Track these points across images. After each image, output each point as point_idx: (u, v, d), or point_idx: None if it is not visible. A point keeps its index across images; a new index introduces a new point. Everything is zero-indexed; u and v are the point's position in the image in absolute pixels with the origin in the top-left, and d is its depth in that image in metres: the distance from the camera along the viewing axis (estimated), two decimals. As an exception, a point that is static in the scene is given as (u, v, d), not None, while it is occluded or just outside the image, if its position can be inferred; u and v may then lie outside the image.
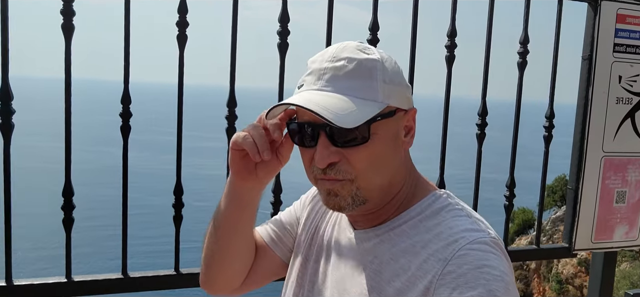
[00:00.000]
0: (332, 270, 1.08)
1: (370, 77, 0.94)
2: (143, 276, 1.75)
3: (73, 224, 1.68)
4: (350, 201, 0.97)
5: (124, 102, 1.68)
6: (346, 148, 0.94)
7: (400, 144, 1.00)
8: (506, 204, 2.15)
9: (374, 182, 0.97)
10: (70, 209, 1.67)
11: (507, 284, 0.86)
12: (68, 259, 1.69)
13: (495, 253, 0.90)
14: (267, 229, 1.26)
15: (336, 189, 0.97)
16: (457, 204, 1.01)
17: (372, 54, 0.96)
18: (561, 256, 2.24)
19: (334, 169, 0.95)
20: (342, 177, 0.95)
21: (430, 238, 0.95)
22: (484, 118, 2.09)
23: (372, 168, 0.96)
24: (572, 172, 2.25)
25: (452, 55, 2.03)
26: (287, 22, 1.82)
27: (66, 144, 1.65)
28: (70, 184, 1.66)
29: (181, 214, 1.78)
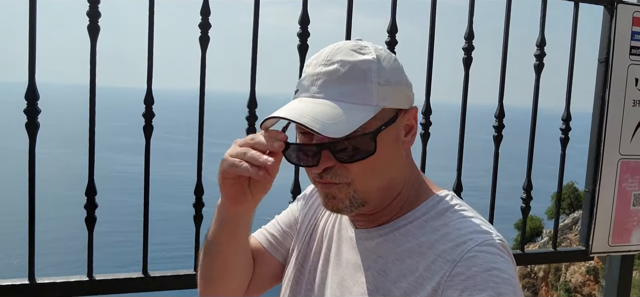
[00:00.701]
0: (332, 269, 1.07)
1: (364, 80, 0.92)
2: (163, 275, 1.76)
3: (95, 222, 1.70)
4: (348, 203, 0.96)
5: (146, 102, 1.71)
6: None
7: (400, 144, 0.98)
8: (523, 206, 2.15)
9: (372, 185, 0.96)
10: (92, 208, 1.68)
11: (514, 287, 0.86)
12: (90, 257, 1.70)
13: (503, 256, 0.90)
14: (265, 234, 1.23)
15: (333, 192, 0.96)
16: (462, 205, 1.00)
17: (368, 54, 0.94)
18: (578, 259, 2.23)
19: (330, 173, 0.94)
20: (339, 181, 0.94)
21: (438, 239, 0.94)
22: (501, 120, 2.10)
23: (369, 172, 0.94)
24: (589, 175, 2.25)
25: (469, 58, 2.04)
26: (307, 23, 1.84)
27: (90, 143, 1.67)
28: (93, 183, 1.68)
29: (201, 213, 1.79)
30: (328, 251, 1.10)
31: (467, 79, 2.05)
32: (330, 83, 0.91)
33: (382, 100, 0.92)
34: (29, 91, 1.58)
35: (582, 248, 2.22)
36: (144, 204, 1.73)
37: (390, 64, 0.95)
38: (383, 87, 0.93)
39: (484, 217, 1.02)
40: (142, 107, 1.71)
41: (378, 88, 0.92)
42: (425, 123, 2.01)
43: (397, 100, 0.95)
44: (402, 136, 0.98)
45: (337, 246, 1.08)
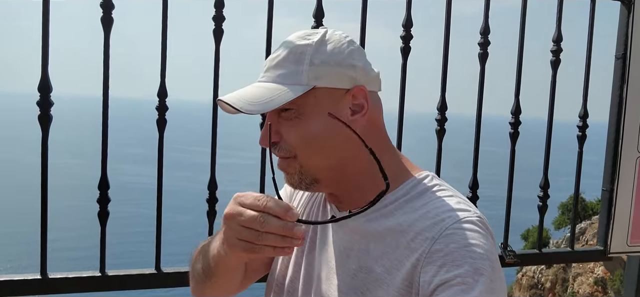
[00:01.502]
0: (318, 252, 1.09)
1: (297, 62, 0.98)
2: (176, 271, 1.73)
3: (108, 217, 1.67)
4: (297, 179, 1.02)
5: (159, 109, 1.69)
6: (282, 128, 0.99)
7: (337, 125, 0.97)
8: (540, 204, 2.12)
9: (317, 162, 1.01)
10: (105, 203, 1.66)
11: (492, 262, 0.89)
12: (102, 253, 1.68)
13: (481, 232, 0.92)
14: None
15: (284, 167, 1.03)
16: (442, 185, 1.03)
17: (310, 40, 0.99)
18: (596, 259, 2.19)
19: (277, 147, 1.01)
20: (285, 154, 1.01)
21: (418, 217, 0.96)
22: (517, 117, 2.07)
23: (307, 146, 0.99)
24: (606, 174, 2.21)
25: (485, 53, 2.01)
26: (322, 17, 1.82)
27: (103, 137, 1.65)
28: (106, 177, 1.66)
29: (215, 209, 1.76)
30: (314, 234, 1.12)
31: (483, 80, 2.02)
32: (271, 69, 1.00)
33: (313, 80, 0.97)
34: (41, 83, 1.57)
35: (600, 248, 2.18)
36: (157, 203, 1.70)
37: (336, 46, 0.99)
38: (317, 67, 0.97)
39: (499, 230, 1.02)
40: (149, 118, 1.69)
41: (310, 68, 0.97)
42: (440, 119, 1.98)
43: (333, 80, 0.98)
44: (347, 116, 0.99)
45: (322, 230, 1.11)
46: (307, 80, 0.97)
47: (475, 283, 0.85)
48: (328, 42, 1.00)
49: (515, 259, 2.02)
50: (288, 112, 0.99)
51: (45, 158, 1.61)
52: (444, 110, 1.99)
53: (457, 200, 0.99)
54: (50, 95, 1.58)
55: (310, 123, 0.99)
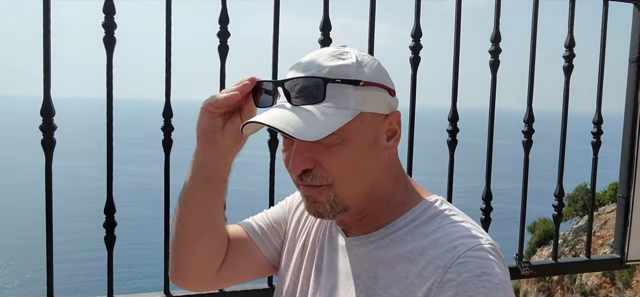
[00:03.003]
0: (324, 278, 1.06)
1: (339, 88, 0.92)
2: (185, 294, 1.70)
3: (115, 241, 1.64)
4: (329, 207, 0.96)
5: (165, 114, 1.65)
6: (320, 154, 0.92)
7: (380, 148, 0.98)
8: (555, 214, 2.07)
9: (353, 189, 0.96)
10: (112, 227, 1.63)
11: (506, 292, 0.86)
12: (110, 277, 1.65)
13: (495, 260, 0.89)
14: (252, 223, 1.20)
15: (314, 195, 0.96)
16: (452, 210, 1.00)
17: (347, 60, 0.94)
18: (613, 267, 2.15)
19: (310, 175, 0.94)
20: (319, 182, 0.94)
21: (428, 244, 0.93)
22: (531, 125, 2.02)
23: (348, 173, 0.94)
24: (622, 180, 2.16)
25: (497, 61, 1.96)
26: (329, 30, 1.78)
27: (108, 160, 1.62)
28: (112, 201, 1.63)
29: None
30: (320, 260, 1.09)
31: (495, 82, 1.97)
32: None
33: (359, 105, 0.93)
34: (44, 108, 1.54)
35: (617, 256, 2.13)
36: (164, 223, 1.67)
37: (372, 69, 0.95)
38: (363, 92, 0.93)
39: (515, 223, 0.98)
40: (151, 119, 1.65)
41: (356, 92, 0.92)
42: (452, 130, 1.94)
43: (376, 105, 0.95)
44: (383, 141, 0.98)
45: (329, 255, 1.07)
46: (355, 105, 0.92)
47: None
48: (364, 64, 0.95)
49: (530, 270, 1.98)
50: (330, 138, 0.91)
51: (49, 183, 1.57)
52: (456, 121, 1.94)
53: (468, 226, 0.96)
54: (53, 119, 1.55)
55: (354, 150, 0.94)
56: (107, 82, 1.60)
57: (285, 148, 0.99)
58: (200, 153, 1.05)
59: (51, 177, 1.57)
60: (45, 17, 1.51)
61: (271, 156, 1.76)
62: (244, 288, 1.74)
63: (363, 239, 1.02)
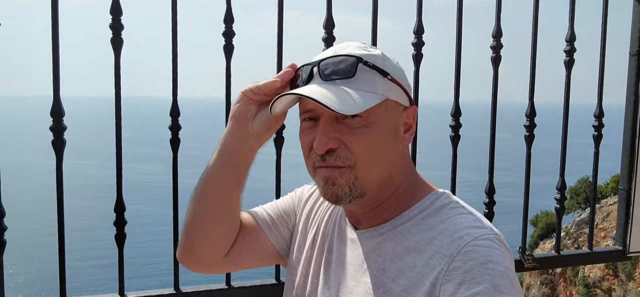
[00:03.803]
0: (334, 271, 1.08)
1: (369, 73, 0.98)
2: (195, 290, 1.73)
3: (125, 239, 1.67)
4: (348, 191, 0.98)
5: (172, 114, 1.68)
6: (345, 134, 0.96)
7: (399, 138, 1.02)
8: (557, 207, 2.09)
9: (372, 173, 0.99)
10: (122, 225, 1.66)
11: (511, 280, 0.88)
12: (121, 275, 1.67)
13: (499, 249, 0.91)
14: (263, 211, 1.24)
15: (335, 177, 0.98)
16: (458, 202, 1.03)
17: (374, 52, 1.00)
18: (615, 259, 2.17)
19: (334, 155, 0.97)
20: (342, 163, 0.97)
21: (435, 235, 0.96)
22: (532, 119, 2.04)
23: (370, 156, 0.98)
24: (624, 173, 2.18)
25: (498, 56, 1.98)
26: (332, 28, 1.80)
27: (117, 159, 1.65)
28: (121, 199, 1.66)
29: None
30: (329, 253, 1.12)
31: (497, 77, 1.99)
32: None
33: (386, 92, 0.98)
34: (54, 109, 1.56)
35: (619, 248, 2.16)
36: (173, 220, 1.69)
37: (393, 65, 1.02)
38: (389, 81, 0.99)
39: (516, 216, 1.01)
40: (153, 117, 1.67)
41: (383, 80, 0.99)
42: (455, 125, 1.96)
43: (398, 96, 1.01)
44: (401, 132, 1.03)
45: (338, 248, 1.10)
46: (382, 91, 0.98)
47: None
48: (387, 58, 1.02)
49: (534, 263, 2.00)
50: (356, 120, 0.97)
51: (61, 183, 1.60)
52: (458, 116, 1.96)
53: (474, 218, 0.99)
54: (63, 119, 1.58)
55: (378, 133, 0.98)
56: (115, 83, 1.62)
57: (306, 132, 1.02)
58: (228, 136, 1.10)
59: (62, 178, 1.60)
60: (53, 21, 1.54)
61: (277, 153, 1.79)
62: (252, 284, 1.77)
63: (372, 232, 1.05)
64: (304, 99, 0.98)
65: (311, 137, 1.00)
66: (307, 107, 1.00)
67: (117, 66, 1.62)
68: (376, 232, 1.04)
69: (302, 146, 1.03)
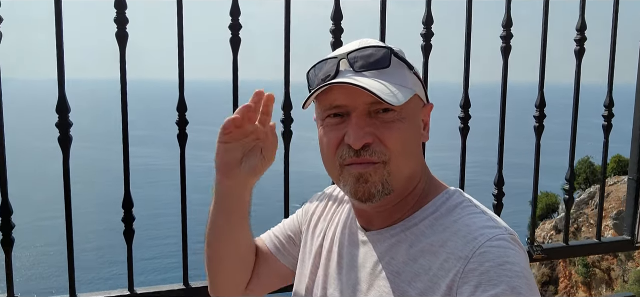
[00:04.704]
0: (346, 275, 1.07)
1: (399, 66, 0.97)
2: (204, 285, 1.72)
3: (134, 235, 1.66)
4: (381, 187, 0.96)
5: (180, 109, 1.65)
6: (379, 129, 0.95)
7: (421, 135, 1.03)
8: (566, 197, 2.08)
9: (404, 170, 0.98)
10: (130, 221, 1.65)
11: (528, 280, 0.87)
12: (130, 271, 1.67)
13: (514, 249, 0.90)
14: (271, 236, 1.26)
15: (368, 173, 0.96)
16: (470, 201, 1.01)
17: (395, 48, 1.00)
18: (623, 249, 2.16)
19: (369, 150, 0.95)
20: (377, 158, 0.95)
21: (449, 236, 0.94)
22: (542, 110, 2.02)
23: (403, 152, 0.97)
24: (633, 162, 2.17)
25: (508, 46, 1.95)
26: (341, 20, 1.77)
27: (124, 156, 1.63)
28: (129, 196, 1.64)
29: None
30: (340, 257, 1.10)
31: (506, 67, 1.96)
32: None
33: (414, 86, 0.99)
34: (59, 104, 1.54)
35: (628, 238, 2.15)
36: (181, 218, 1.68)
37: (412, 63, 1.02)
38: (413, 76, 1.00)
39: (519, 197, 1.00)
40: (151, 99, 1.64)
41: (410, 74, 0.99)
42: (464, 117, 1.94)
43: (421, 92, 1.01)
44: (421, 128, 1.03)
45: (349, 252, 1.08)
46: (411, 85, 0.98)
47: None
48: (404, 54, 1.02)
49: (542, 254, 2.00)
50: (390, 114, 0.95)
51: (67, 180, 1.59)
52: (468, 108, 1.94)
53: (487, 217, 0.97)
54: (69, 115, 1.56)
55: (409, 128, 0.98)
56: (121, 78, 1.60)
57: (332, 129, 0.99)
58: (220, 187, 1.08)
59: (69, 175, 1.59)
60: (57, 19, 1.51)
61: (285, 147, 1.77)
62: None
63: (384, 233, 1.03)
64: (328, 94, 0.96)
65: (339, 133, 0.97)
66: (335, 103, 0.97)
67: (122, 60, 1.59)
68: (388, 234, 1.02)
69: (327, 144, 1.00)
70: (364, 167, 0.96)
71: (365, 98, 0.94)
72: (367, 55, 0.96)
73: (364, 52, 0.97)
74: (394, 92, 0.93)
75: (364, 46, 0.98)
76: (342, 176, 0.99)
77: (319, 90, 0.96)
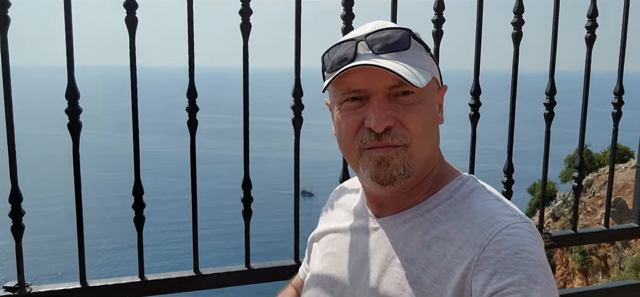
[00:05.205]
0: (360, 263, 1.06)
1: (418, 48, 0.96)
2: (215, 272, 1.72)
3: (144, 222, 1.65)
4: (402, 170, 0.95)
5: (190, 95, 1.64)
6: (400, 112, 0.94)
7: (437, 118, 1.02)
8: (575, 185, 2.08)
9: (424, 153, 0.98)
10: (141, 208, 1.63)
11: (545, 269, 0.86)
12: (140, 258, 1.66)
13: (531, 238, 0.89)
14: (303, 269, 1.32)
15: (390, 157, 0.95)
16: (484, 188, 1.01)
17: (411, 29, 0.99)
18: (631, 236, 2.17)
19: (390, 133, 0.94)
20: (399, 142, 0.94)
21: (464, 223, 0.93)
22: (552, 97, 2.00)
23: (424, 135, 0.96)
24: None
25: (520, 33, 1.93)
26: (352, 5, 1.75)
27: (134, 143, 1.61)
28: (139, 183, 1.63)
29: (250, 208, 1.73)
30: (351, 246, 1.09)
31: (518, 54, 1.95)
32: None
33: (431, 68, 0.99)
34: (69, 90, 1.52)
35: (635, 225, 2.15)
36: (191, 206, 1.67)
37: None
38: (431, 59, 1.00)
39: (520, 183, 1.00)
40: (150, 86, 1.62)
41: (428, 56, 0.99)
42: (474, 104, 1.92)
43: (437, 75, 1.01)
44: (437, 111, 1.02)
45: (362, 240, 1.08)
46: (429, 67, 0.98)
47: (531, 291, 0.83)
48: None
49: (551, 241, 2.00)
50: (410, 96, 0.94)
51: (78, 167, 1.57)
52: (478, 94, 1.93)
53: (502, 205, 0.96)
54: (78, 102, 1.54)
55: (428, 111, 0.97)
56: (131, 65, 1.58)
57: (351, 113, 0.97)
58: None
59: (79, 162, 1.57)
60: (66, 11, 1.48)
61: (296, 134, 1.75)
62: (272, 265, 1.76)
63: (396, 219, 1.02)
64: (347, 78, 0.95)
65: (358, 117, 0.96)
66: (354, 87, 0.95)
67: (132, 47, 1.57)
68: (401, 219, 1.02)
69: (346, 129, 0.98)
70: (386, 150, 0.95)
71: (386, 81, 0.93)
72: (386, 37, 0.95)
73: (382, 34, 0.95)
74: (416, 74, 0.92)
75: (382, 28, 0.96)
76: (362, 159, 0.98)
77: (341, 72, 0.94)
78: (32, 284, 1.58)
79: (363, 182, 1.08)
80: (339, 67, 0.96)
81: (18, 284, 1.55)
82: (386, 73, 0.92)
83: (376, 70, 0.92)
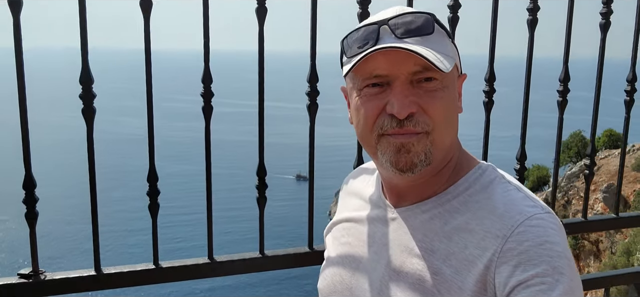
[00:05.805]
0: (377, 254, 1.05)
1: (441, 33, 0.95)
2: (229, 259, 1.71)
3: (159, 209, 1.64)
4: (423, 157, 0.94)
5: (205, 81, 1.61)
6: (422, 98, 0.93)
7: (457, 106, 1.00)
8: (587, 173, 2.08)
9: (445, 140, 0.96)
10: (155, 195, 1.62)
11: (569, 260, 0.85)
12: (155, 245, 1.65)
13: (554, 229, 0.89)
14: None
15: (411, 143, 0.93)
16: (503, 177, 1.00)
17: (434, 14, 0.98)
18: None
19: (413, 120, 0.92)
20: (420, 129, 0.93)
21: (485, 214, 0.92)
22: (566, 84, 1.99)
23: (446, 122, 0.95)
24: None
25: (535, 19, 1.92)
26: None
27: (149, 129, 1.59)
28: (154, 169, 1.61)
29: (265, 196, 1.72)
30: (371, 239, 1.08)
31: (533, 39, 1.94)
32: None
33: (454, 55, 0.97)
34: (83, 76, 1.50)
35: (645, 213, 2.17)
36: (206, 193, 1.65)
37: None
38: (453, 46, 0.98)
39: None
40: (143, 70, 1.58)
41: (450, 43, 0.97)
42: (489, 91, 1.91)
43: (458, 62, 1.00)
44: (457, 98, 1.00)
45: (380, 230, 1.06)
46: (452, 54, 0.96)
47: (556, 283, 0.82)
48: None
49: (562, 229, 2.00)
50: (433, 83, 0.93)
51: (92, 153, 1.55)
52: (493, 81, 1.92)
53: (523, 195, 0.95)
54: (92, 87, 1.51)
55: (451, 98, 0.96)
56: (145, 48, 1.55)
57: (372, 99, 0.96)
58: None
59: (93, 147, 1.55)
60: None
61: (311, 120, 1.74)
62: (286, 252, 1.75)
63: (414, 209, 1.01)
64: (368, 63, 0.93)
65: (379, 102, 0.94)
66: (376, 72, 0.94)
67: (147, 31, 1.54)
68: (419, 210, 1.01)
69: (365, 115, 0.96)
70: (407, 137, 0.93)
71: (409, 67, 0.92)
72: (409, 22, 0.93)
73: (405, 18, 0.93)
74: (441, 59, 0.91)
75: (404, 13, 0.95)
76: (380, 145, 0.96)
77: (366, 55, 0.92)
78: (46, 271, 1.56)
79: (381, 169, 1.05)
80: (360, 51, 0.94)
81: (32, 271, 1.53)
82: (408, 58, 0.90)
83: (399, 55, 0.91)
